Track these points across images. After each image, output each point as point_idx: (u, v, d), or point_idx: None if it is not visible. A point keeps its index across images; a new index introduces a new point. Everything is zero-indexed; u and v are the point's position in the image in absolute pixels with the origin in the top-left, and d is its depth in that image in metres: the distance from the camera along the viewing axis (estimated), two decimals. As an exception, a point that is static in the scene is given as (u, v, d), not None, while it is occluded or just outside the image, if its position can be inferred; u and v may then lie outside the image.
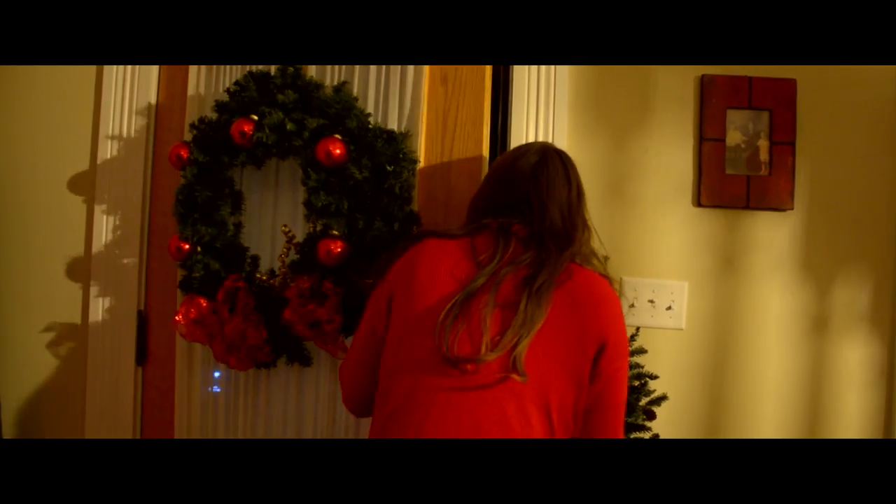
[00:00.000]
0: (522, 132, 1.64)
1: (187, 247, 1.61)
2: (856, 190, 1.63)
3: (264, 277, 1.58)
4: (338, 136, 1.52)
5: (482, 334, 1.08)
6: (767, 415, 1.63)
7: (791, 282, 1.63)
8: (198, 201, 1.61)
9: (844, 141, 1.64)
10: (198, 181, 1.61)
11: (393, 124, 1.60)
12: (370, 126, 1.55)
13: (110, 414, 1.77)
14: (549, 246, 1.18)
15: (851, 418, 1.63)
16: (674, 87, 1.65)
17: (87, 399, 1.79)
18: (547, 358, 1.10)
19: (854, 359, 1.64)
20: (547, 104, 1.64)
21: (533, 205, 1.22)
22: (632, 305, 1.64)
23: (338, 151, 1.49)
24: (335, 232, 1.51)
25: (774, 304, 1.63)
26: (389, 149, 1.53)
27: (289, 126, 1.52)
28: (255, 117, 1.55)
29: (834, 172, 1.64)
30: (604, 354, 1.13)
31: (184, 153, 1.62)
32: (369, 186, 1.51)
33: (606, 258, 1.30)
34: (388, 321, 1.19)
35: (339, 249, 1.49)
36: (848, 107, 1.64)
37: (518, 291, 1.12)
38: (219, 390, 1.69)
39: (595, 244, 1.29)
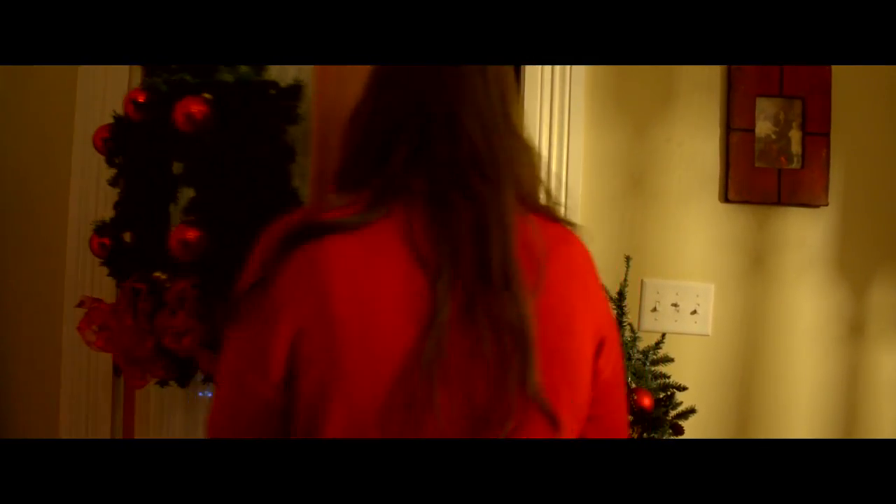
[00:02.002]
0: (536, 120, 1.53)
1: (109, 242, 1.36)
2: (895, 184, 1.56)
3: (163, 276, 1.27)
4: (206, 94, 1.19)
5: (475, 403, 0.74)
6: (800, 426, 1.55)
7: (825, 283, 1.55)
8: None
9: (883, 131, 1.55)
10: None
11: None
12: (256, 80, 1.22)
13: (86, 418, 1.65)
14: (482, 196, 0.79)
15: (890, 430, 1.55)
16: (699, 73, 1.56)
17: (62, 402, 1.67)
18: (550, 366, 0.79)
19: (893, 366, 1.56)
20: (563, 90, 1.53)
21: (439, 122, 0.81)
22: (654, 309, 1.55)
23: (199, 111, 1.17)
24: (191, 217, 1.20)
25: (807, 307, 1.55)
26: (270, 107, 1.21)
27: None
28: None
29: (872, 165, 1.56)
30: (603, 351, 0.86)
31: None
32: (235, 155, 1.19)
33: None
34: (289, 378, 0.76)
35: (194, 238, 1.19)
36: (887, 94, 1.56)
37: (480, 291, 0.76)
38: (210, 395, 1.56)
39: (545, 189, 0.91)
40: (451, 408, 0.73)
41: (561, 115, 1.54)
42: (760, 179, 1.54)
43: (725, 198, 1.54)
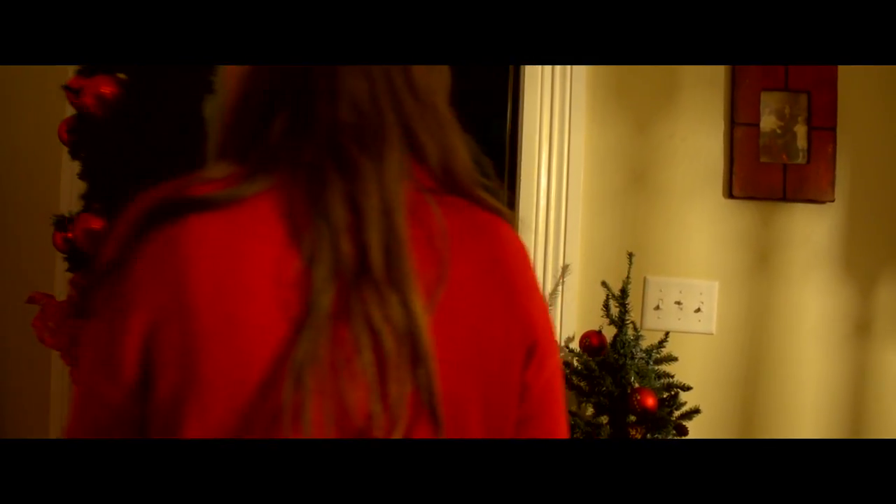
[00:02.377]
0: (536, 112, 1.50)
1: (71, 236, 1.31)
2: (903, 180, 1.53)
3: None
4: (121, 75, 1.10)
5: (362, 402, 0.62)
6: (805, 427, 1.52)
7: (831, 281, 1.52)
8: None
9: (891, 125, 1.52)
10: None
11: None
12: None
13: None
14: (360, 169, 0.65)
15: (897, 431, 1.52)
16: (702, 67, 1.54)
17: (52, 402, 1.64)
18: (458, 381, 0.67)
19: (900, 366, 1.52)
20: (563, 82, 1.50)
21: (320, 80, 0.68)
22: (657, 307, 1.52)
23: (109, 92, 1.08)
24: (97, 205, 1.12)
25: (813, 305, 1.52)
26: (184, 79, 1.12)
27: None
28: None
29: (879, 160, 1.52)
30: (533, 361, 0.71)
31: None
32: (140, 136, 1.10)
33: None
34: (144, 382, 0.62)
35: (99, 228, 1.11)
36: (895, 88, 1.52)
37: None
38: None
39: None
40: (325, 421, 0.61)
41: (562, 109, 1.51)
42: (765, 175, 1.51)
43: (730, 194, 1.52)
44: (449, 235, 0.67)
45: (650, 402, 1.26)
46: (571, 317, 1.51)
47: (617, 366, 1.32)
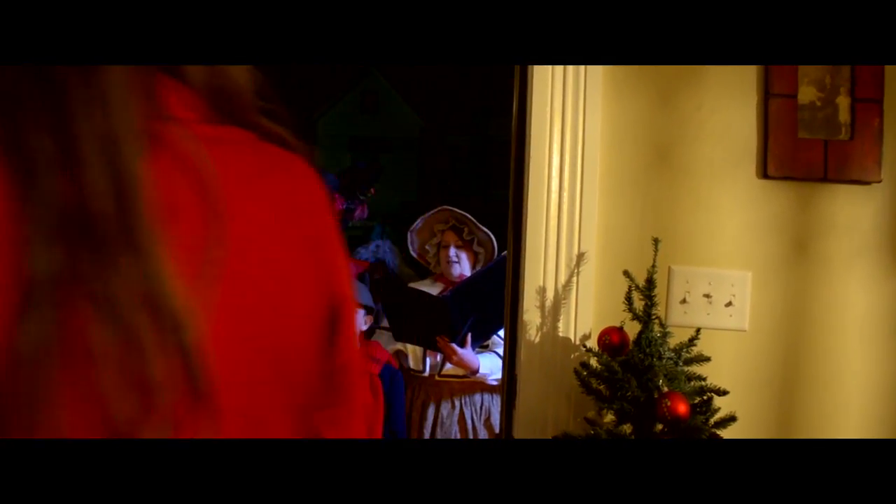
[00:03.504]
0: (547, 82, 1.36)
1: None
2: (958, 157, 1.41)
3: None
4: None
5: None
6: (849, 434, 1.40)
7: (878, 271, 1.41)
8: None
9: None
10: None
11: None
12: None
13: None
14: (69, 92, 0.50)
15: (951, 439, 1.39)
16: None
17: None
18: (248, 360, 0.55)
19: (955, 366, 1.41)
20: (579, 48, 1.35)
21: None
22: (683, 301, 1.38)
23: None
24: None
25: (857, 298, 1.41)
26: None
27: None
28: None
29: None
30: (340, 327, 0.59)
31: None
32: None
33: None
34: None
35: None
36: None
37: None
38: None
39: None
40: (81, 416, 0.49)
41: (576, 80, 1.37)
42: (804, 152, 1.39)
43: (764, 173, 1.40)
44: (224, 179, 0.52)
45: (682, 408, 1.11)
46: (587, 311, 1.36)
47: (643, 367, 1.17)
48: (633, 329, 1.25)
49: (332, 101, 13.89)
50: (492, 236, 2.55)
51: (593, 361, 1.25)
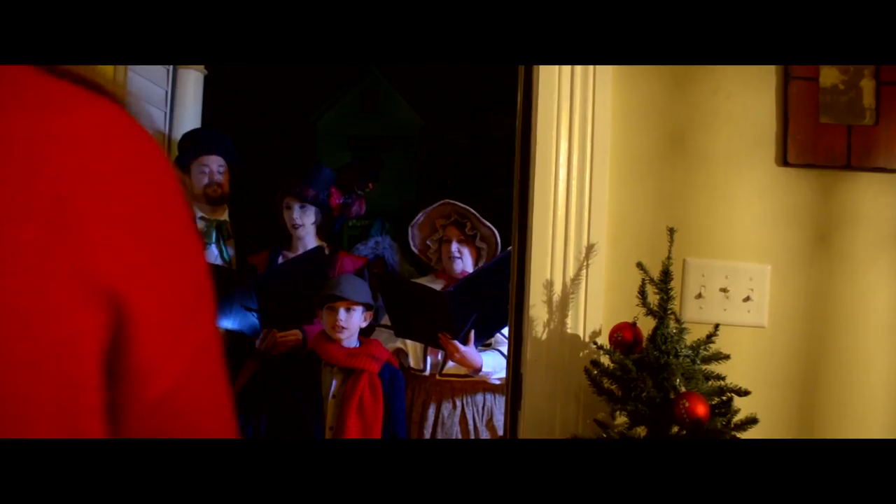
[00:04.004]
0: (554, 67, 1.29)
1: None
2: None
3: None
4: None
5: None
6: (874, 435, 1.33)
7: None
8: None
9: None
10: None
11: None
12: None
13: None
14: None
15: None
16: None
17: None
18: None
19: None
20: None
21: None
22: (698, 295, 1.32)
23: None
24: None
25: (883, 292, 1.35)
26: None
27: None
28: None
29: None
30: (120, 327, 0.46)
31: None
32: None
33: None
34: None
35: None
36: None
37: None
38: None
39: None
40: None
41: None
42: (826, 138, 1.34)
43: (784, 161, 1.35)
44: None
45: (702, 409, 1.04)
46: (597, 306, 1.29)
47: (658, 365, 1.10)
48: (645, 325, 1.19)
49: (332, 101, 13.88)
50: (495, 231, 2.48)
51: (605, 359, 1.18)
